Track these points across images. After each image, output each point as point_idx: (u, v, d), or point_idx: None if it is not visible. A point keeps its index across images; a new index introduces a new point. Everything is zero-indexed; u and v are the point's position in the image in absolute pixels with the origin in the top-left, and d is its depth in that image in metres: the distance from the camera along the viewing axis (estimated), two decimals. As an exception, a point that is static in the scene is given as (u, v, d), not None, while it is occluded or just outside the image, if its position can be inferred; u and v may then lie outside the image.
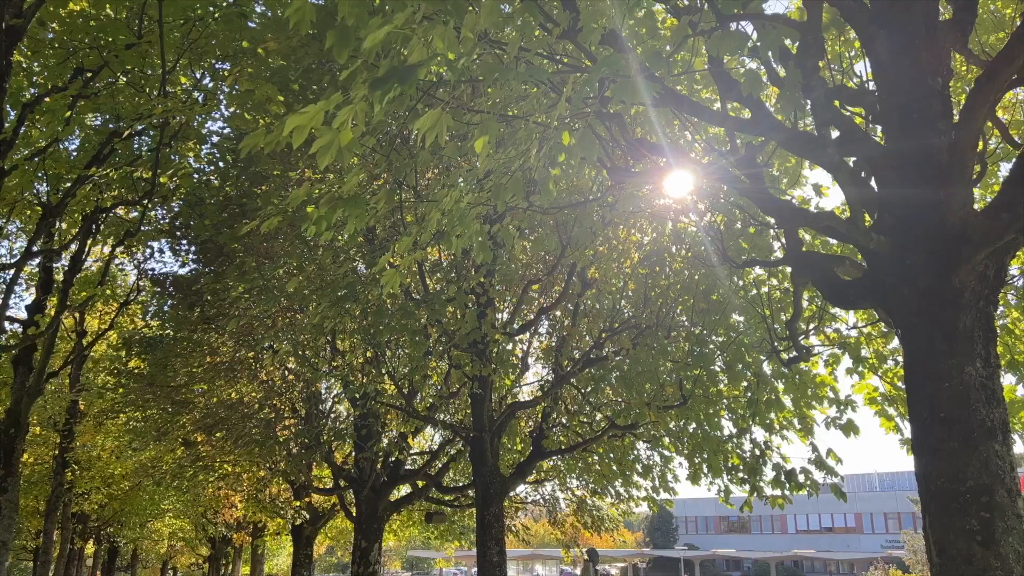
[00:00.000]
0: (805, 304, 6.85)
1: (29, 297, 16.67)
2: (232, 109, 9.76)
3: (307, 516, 19.33)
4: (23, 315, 17.50)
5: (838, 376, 7.90)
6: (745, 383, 8.51)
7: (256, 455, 15.90)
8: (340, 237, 9.11)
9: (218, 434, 15.10)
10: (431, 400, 12.04)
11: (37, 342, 13.44)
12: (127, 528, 31.08)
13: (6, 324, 10.78)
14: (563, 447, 11.69)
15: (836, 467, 7.42)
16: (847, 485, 7.49)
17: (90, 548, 36.28)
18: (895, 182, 3.74)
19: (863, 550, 58.38)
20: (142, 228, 12.51)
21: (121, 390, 15.73)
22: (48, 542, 18.74)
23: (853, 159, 4.13)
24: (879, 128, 4.30)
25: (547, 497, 17.05)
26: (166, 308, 14.47)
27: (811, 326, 6.99)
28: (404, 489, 15.88)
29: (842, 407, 7.48)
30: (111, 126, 9.48)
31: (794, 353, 6.14)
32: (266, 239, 10.57)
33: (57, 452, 19.36)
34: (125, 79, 8.52)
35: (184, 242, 13.28)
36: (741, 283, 8.20)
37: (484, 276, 9.12)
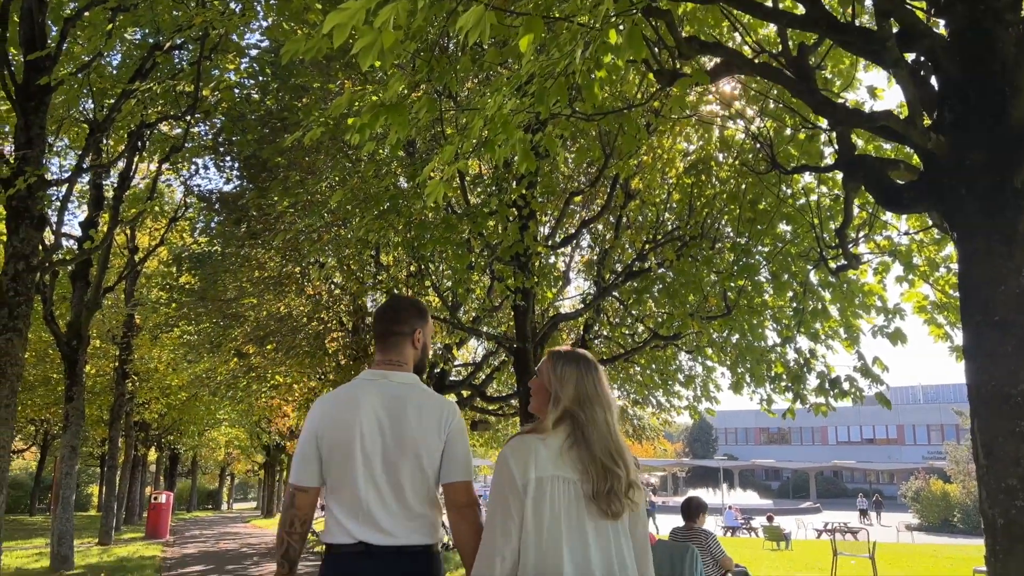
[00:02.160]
0: (856, 211, 6.70)
1: (82, 214, 17.08)
2: (270, 19, 9.65)
3: (357, 424, 19.98)
4: (77, 232, 17.99)
5: (887, 285, 7.78)
6: (791, 293, 8.43)
7: (306, 366, 16.38)
8: (380, 151, 9.10)
9: (269, 346, 15.57)
10: (475, 313, 12.20)
11: (92, 257, 13.86)
12: (186, 436, 32.60)
13: (62, 240, 11.11)
14: (604, 358, 11.80)
15: (882, 375, 7.38)
16: (890, 397, 7.45)
17: (152, 455, 38.24)
18: (957, 78, 3.58)
19: (904, 461, 58.71)
20: (186, 145, 12.64)
21: (174, 305, 16.22)
22: (113, 449, 19.75)
23: (912, 56, 3.95)
24: (942, 22, 4.09)
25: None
26: (213, 224, 14.73)
27: (861, 234, 6.85)
28: (450, 399, 16.26)
29: (890, 315, 7.39)
30: (151, 40, 9.46)
31: (843, 261, 6.04)
32: (308, 153, 10.61)
33: (117, 364, 20.18)
34: (163, -10, 8.45)
35: (228, 158, 13.40)
36: (790, 192, 8.02)
37: (526, 188, 9.06)
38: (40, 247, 8.17)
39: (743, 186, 8.30)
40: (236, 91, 11.27)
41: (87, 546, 17.60)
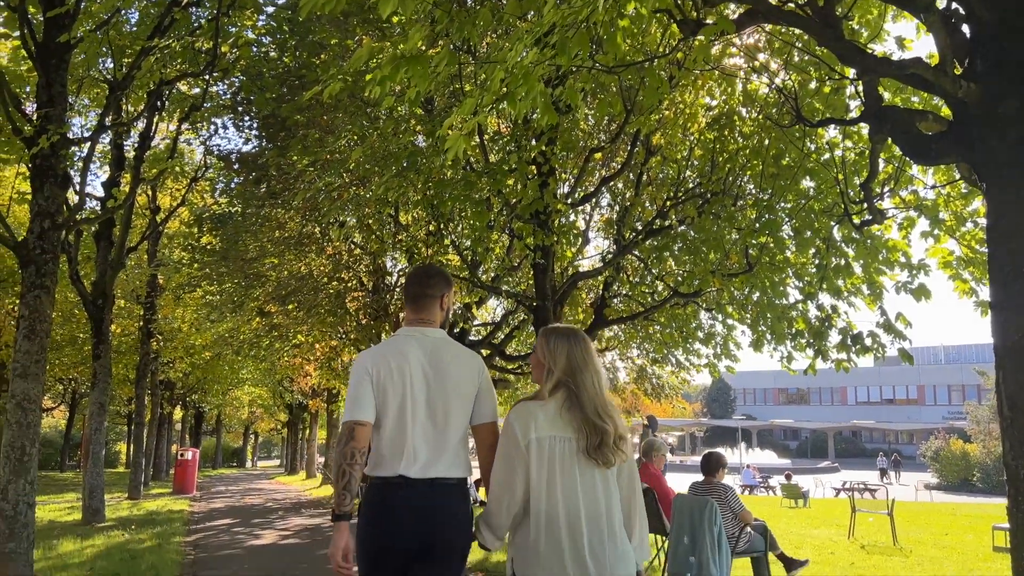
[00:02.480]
0: (881, 165, 6.59)
1: (104, 175, 17.19)
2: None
3: (378, 383, 20.18)
4: (100, 193, 18.12)
5: (911, 241, 7.68)
6: (813, 249, 8.35)
7: (328, 325, 16.52)
8: (399, 108, 9.03)
9: (291, 305, 15.69)
10: (494, 271, 12.21)
11: (115, 217, 13.98)
12: (210, 395, 33.13)
13: (86, 200, 11.19)
14: (624, 315, 11.79)
15: (905, 331, 7.32)
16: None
17: (178, 413, 38.93)
18: (991, 25, 3.49)
19: (924, 421, 58.54)
20: (205, 104, 12.63)
21: (196, 265, 16.36)
22: (140, 407, 20.11)
23: (944, 2, 3.85)
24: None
25: (607, 366, 17.38)
26: (233, 185, 14.76)
27: (886, 188, 6.75)
28: (471, 355, 16.35)
29: (914, 271, 7.31)
30: (168, -2, 9.41)
31: (867, 216, 5.97)
32: (327, 111, 10.56)
33: (141, 324, 20.46)
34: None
35: (246, 117, 13.38)
36: (814, 147, 7.90)
37: (545, 145, 8.98)
38: (64, 206, 8.23)
39: (766, 141, 8.18)
40: (254, 48, 11.21)
41: (117, 500, 18.05)
